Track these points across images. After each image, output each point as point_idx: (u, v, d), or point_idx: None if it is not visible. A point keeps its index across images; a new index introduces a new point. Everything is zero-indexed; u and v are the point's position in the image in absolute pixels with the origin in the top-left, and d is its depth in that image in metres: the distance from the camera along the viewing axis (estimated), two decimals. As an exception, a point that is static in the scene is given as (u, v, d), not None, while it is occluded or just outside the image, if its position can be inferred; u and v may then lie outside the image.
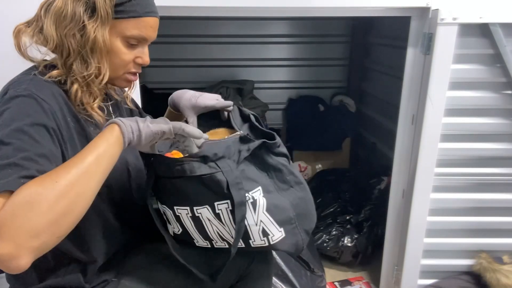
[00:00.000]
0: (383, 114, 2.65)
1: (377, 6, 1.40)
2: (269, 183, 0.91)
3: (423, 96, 1.48)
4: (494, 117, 1.51)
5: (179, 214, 0.92)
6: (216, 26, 2.96)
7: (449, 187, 1.57)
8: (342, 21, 3.04)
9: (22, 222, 0.62)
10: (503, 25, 1.39)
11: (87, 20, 0.81)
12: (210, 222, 0.90)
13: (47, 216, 0.64)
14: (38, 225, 0.63)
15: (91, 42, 0.81)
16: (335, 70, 3.16)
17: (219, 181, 0.85)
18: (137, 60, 0.90)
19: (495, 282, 1.56)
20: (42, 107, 0.76)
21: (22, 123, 0.72)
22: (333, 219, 2.07)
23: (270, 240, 0.91)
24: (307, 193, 0.96)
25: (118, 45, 0.85)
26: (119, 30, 0.84)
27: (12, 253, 0.61)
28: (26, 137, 0.71)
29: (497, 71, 1.45)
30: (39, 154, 0.71)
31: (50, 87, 0.81)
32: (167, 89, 3.02)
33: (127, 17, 0.84)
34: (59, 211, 0.65)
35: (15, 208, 0.63)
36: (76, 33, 0.81)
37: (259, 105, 2.78)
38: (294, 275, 1.68)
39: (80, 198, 0.68)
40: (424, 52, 1.44)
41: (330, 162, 2.82)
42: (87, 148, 0.72)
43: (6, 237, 0.61)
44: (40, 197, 0.64)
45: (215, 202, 0.87)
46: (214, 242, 0.95)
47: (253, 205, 0.87)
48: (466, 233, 1.64)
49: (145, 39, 0.88)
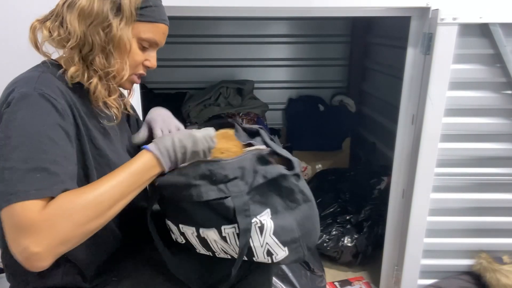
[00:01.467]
0: (383, 114, 2.65)
1: (377, 6, 1.40)
2: (279, 202, 0.90)
3: (423, 96, 1.48)
4: (494, 117, 1.51)
5: (184, 232, 0.91)
6: (216, 26, 2.96)
7: (449, 187, 1.57)
8: (342, 21, 3.04)
9: (58, 230, 0.69)
10: (503, 25, 1.39)
11: (112, 18, 0.84)
12: (216, 242, 0.90)
13: (81, 229, 0.71)
14: (71, 234, 0.70)
15: (117, 40, 0.84)
16: (335, 70, 3.15)
17: (227, 207, 0.84)
18: (146, 63, 0.94)
19: (495, 282, 1.56)
20: (55, 107, 0.77)
21: (40, 124, 0.74)
22: (333, 219, 2.06)
23: (274, 259, 0.91)
24: (314, 212, 0.95)
25: (134, 46, 0.89)
26: (136, 31, 0.88)
27: (42, 254, 0.68)
28: (46, 139, 0.73)
29: (497, 71, 1.45)
30: (62, 156, 0.74)
31: (58, 84, 0.82)
32: (167, 89, 3.03)
33: (145, 20, 0.88)
34: (92, 227, 0.73)
35: (55, 216, 0.69)
36: (100, 30, 0.83)
37: (259, 105, 2.78)
38: (294, 275, 1.68)
39: (110, 217, 0.76)
40: (424, 52, 1.44)
41: (330, 162, 2.82)
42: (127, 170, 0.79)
43: (40, 240, 0.67)
44: (81, 211, 0.71)
45: (222, 226, 0.86)
46: (217, 253, 0.94)
47: (260, 230, 0.87)
48: (466, 233, 1.64)
49: (156, 43, 0.93)
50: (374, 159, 2.75)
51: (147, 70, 0.96)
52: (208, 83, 2.94)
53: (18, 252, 0.68)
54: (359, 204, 2.12)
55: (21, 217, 0.67)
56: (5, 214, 0.69)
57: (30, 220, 0.67)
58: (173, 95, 2.97)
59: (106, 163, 0.87)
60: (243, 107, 2.71)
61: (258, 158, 0.88)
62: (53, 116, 0.76)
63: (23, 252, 0.67)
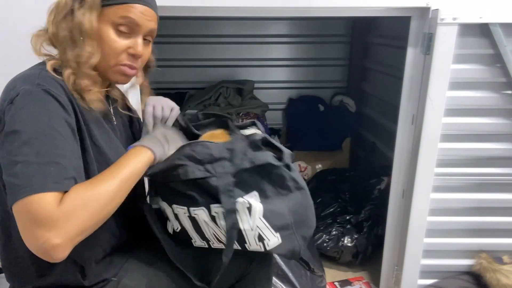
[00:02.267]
0: (383, 114, 2.65)
1: (377, 6, 1.40)
2: (269, 188, 0.89)
3: (423, 96, 1.48)
4: (494, 117, 1.51)
5: (177, 213, 0.92)
6: (216, 26, 2.96)
7: (449, 187, 1.57)
8: (342, 21, 3.04)
9: (76, 220, 0.72)
10: (503, 25, 1.39)
11: (76, 6, 0.84)
12: (207, 224, 0.90)
13: (97, 217, 0.75)
14: (88, 224, 0.74)
15: (78, 25, 0.84)
16: (335, 70, 3.15)
17: (212, 186, 0.86)
18: (130, 50, 0.89)
19: (495, 282, 1.56)
20: (60, 102, 0.78)
21: (48, 119, 0.75)
22: (333, 219, 2.06)
23: (266, 246, 0.90)
24: (307, 199, 0.94)
25: (108, 32, 0.86)
26: (108, 17, 0.86)
27: (62, 246, 0.70)
28: (56, 133, 0.75)
29: (497, 71, 1.45)
30: (70, 150, 0.77)
31: (58, 80, 0.82)
32: (167, 89, 3.03)
33: (115, 3, 0.85)
34: (105, 214, 0.77)
35: (72, 208, 0.71)
36: (66, 21, 0.85)
37: (259, 105, 2.78)
38: (294, 275, 1.68)
39: (117, 204, 0.79)
40: (424, 52, 1.44)
41: (330, 162, 2.81)
42: (125, 163, 0.82)
43: (60, 232, 0.70)
44: (94, 201, 0.74)
45: (210, 204, 0.87)
46: (211, 243, 0.95)
47: (249, 210, 0.87)
48: (466, 233, 1.64)
49: (135, 24, 0.87)
50: (374, 159, 2.75)
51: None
52: (208, 83, 2.94)
53: (38, 245, 0.69)
54: (359, 204, 2.12)
55: (39, 210, 0.69)
56: (20, 207, 0.70)
57: (49, 213, 0.69)
58: (173, 95, 2.97)
59: (104, 160, 0.88)
60: (243, 107, 2.71)
61: (250, 143, 0.89)
62: (59, 111, 0.77)
63: (43, 244, 0.69)
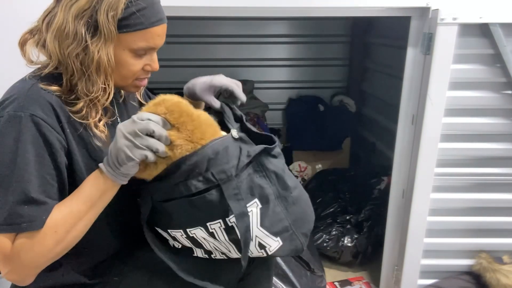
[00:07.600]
0: (383, 114, 2.65)
1: (377, 6, 1.40)
2: (270, 192, 0.88)
3: (423, 96, 1.48)
4: (494, 117, 1.51)
5: (175, 236, 0.91)
6: (216, 26, 2.96)
7: (449, 187, 1.57)
8: (342, 21, 3.04)
9: (26, 261, 0.76)
10: (503, 25, 1.39)
11: (89, 39, 0.77)
12: (206, 240, 0.89)
13: (48, 255, 0.78)
14: (40, 261, 0.78)
15: (95, 63, 0.79)
16: (335, 70, 3.15)
17: (210, 201, 0.82)
18: (146, 67, 0.88)
19: (495, 282, 1.56)
20: (40, 132, 0.75)
21: (17, 154, 0.73)
22: (333, 219, 2.06)
23: (268, 251, 0.90)
24: (303, 194, 0.94)
25: (125, 58, 0.83)
26: (125, 43, 0.81)
27: (19, 280, 0.79)
28: (30, 167, 0.74)
29: (497, 71, 1.45)
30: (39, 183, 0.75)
31: (49, 97, 0.79)
32: (167, 89, 3.02)
33: (133, 30, 0.80)
34: (58, 251, 0.78)
35: (20, 250, 0.75)
36: (79, 53, 0.78)
37: (259, 105, 2.78)
38: (294, 275, 1.68)
39: (77, 238, 0.80)
40: (424, 52, 1.44)
41: (330, 162, 2.82)
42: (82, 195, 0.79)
43: (14, 271, 0.77)
44: (41, 244, 0.75)
45: (207, 223, 0.85)
46: (213, 255, 0.94)
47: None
48: (466, 233, 1.64)
49: (153, 48, 0.86)
50: (374, 159, 2.75)
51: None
52: (208, 83, 2.94)
53: (3, 275, 0.77)
54: (359, 204, 2.12)
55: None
56: None
57: (3, 252, 0.75)
58: (173, 95, 2.96)
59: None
60: (243, 107, 2.71)
61: (237, 139, 0.86)
62: (38, 141, 0.75)
63: (5, 276, 0.77)
